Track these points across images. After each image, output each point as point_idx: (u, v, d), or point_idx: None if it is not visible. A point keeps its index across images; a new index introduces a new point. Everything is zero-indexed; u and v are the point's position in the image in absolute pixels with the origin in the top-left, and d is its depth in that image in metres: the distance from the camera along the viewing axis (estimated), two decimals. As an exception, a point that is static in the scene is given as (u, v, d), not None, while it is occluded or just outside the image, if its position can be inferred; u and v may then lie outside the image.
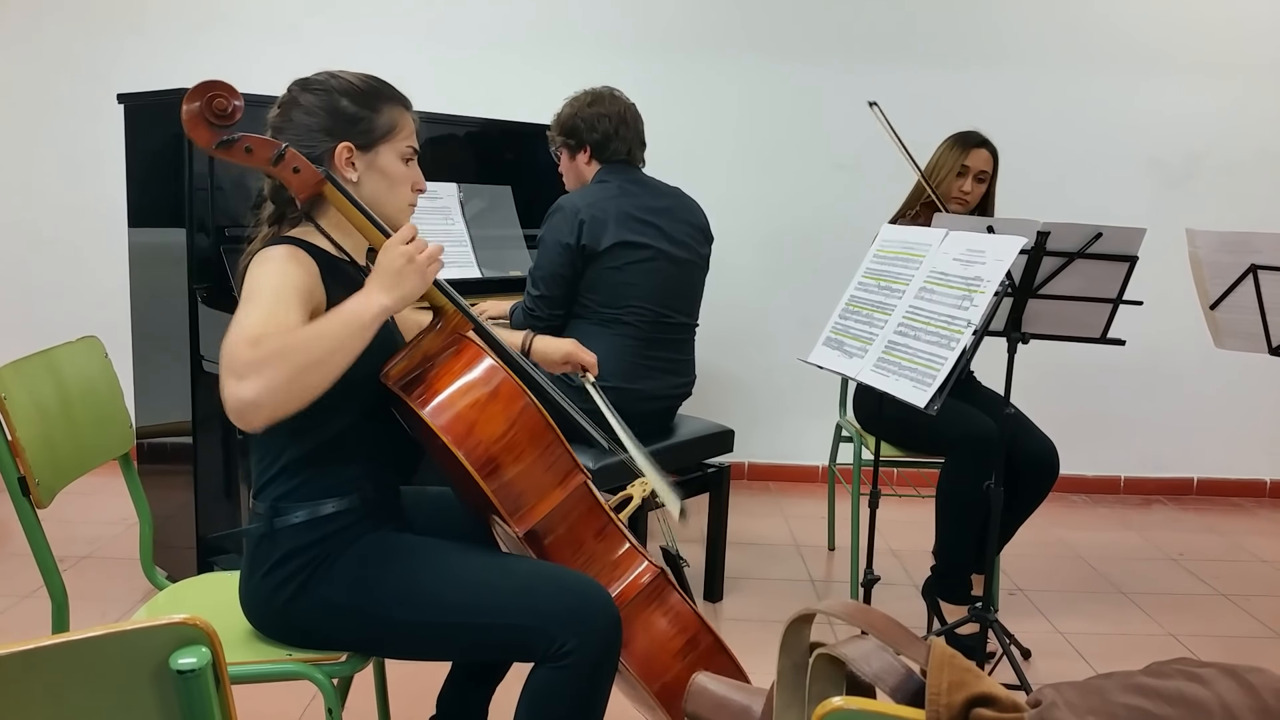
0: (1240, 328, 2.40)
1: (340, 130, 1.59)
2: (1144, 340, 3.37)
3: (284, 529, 1.54)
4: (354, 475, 1.58)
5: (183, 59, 3.92)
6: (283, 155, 1.49)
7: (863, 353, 2.25)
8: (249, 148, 1.48)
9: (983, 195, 2.99)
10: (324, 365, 1.33)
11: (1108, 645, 2.81)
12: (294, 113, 1.59)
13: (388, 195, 1.63)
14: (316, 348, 1.33)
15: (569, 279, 2.68)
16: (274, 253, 1.49)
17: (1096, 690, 0.80)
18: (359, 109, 1.60)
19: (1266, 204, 4.04)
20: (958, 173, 2.93)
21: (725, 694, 1.01)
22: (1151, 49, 4.03)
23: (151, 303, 2.87)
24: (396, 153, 1.64)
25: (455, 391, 1.51)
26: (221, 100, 1.46)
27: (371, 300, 1.40)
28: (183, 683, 0.83)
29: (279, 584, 1.53)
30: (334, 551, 1.54)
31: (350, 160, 1.59)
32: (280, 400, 1.30)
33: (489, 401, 1.51)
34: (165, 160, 2.74)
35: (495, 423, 1.50)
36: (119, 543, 3.25)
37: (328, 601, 1.52)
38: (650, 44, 4.02)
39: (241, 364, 1.28)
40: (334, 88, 1.60)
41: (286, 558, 1.53)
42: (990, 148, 2.95)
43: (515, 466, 1.52)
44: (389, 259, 1.44)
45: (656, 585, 1.64)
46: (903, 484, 3.91)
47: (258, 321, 1.35)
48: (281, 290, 1.42)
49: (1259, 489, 4.30)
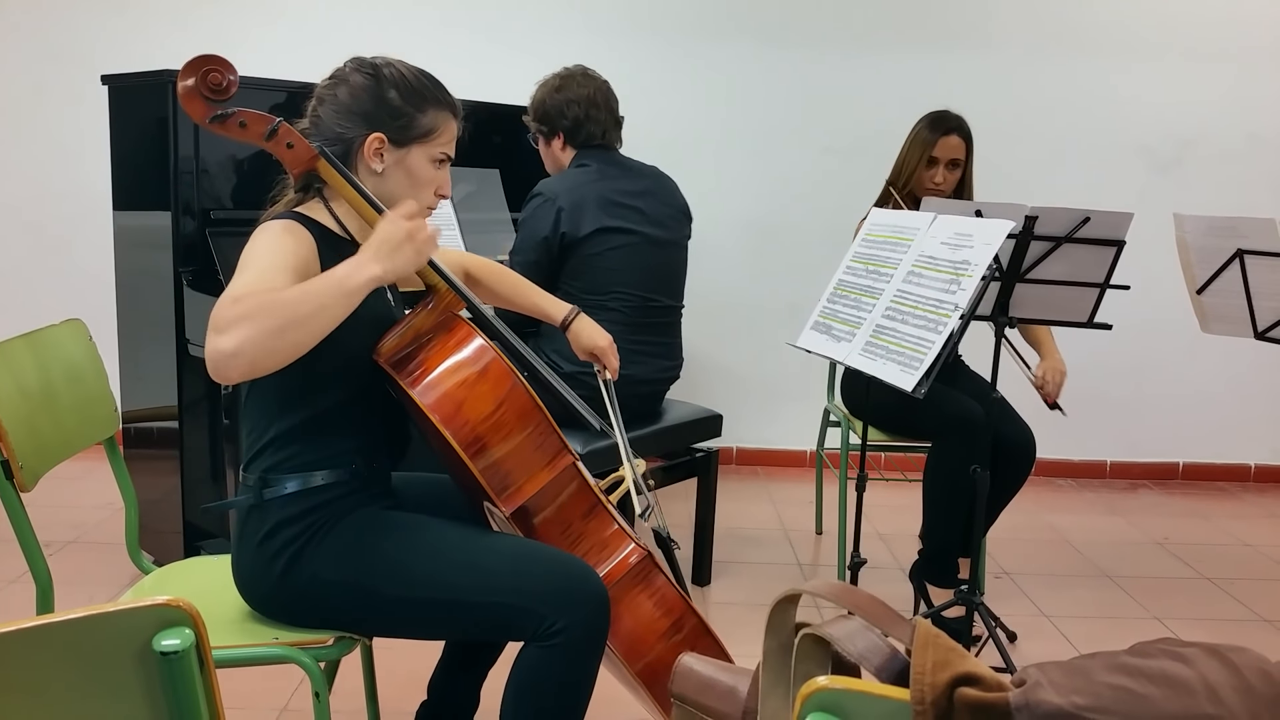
0: (1226, 312, 2.41)
1: (379, 120, 1.59)
2: (1131, 325, 3.38)
3: (273, 500, 1.54)
4: (345, 450, 1.58)
5: (168, 40, 3.88)
6: (275, 131, 1.50)
7: (850, 336, 2.25)
8: (243, 122, 1.50)
9: (959, 180, 2.92)
10: (306, 324, 1.32)
11: (1093, 628, 2.82)
12: (340, 89, 1.61)
13: (408, 194, 1.63)
14: (300, 306, 1.32)
15: (546, 268, 2.67)
16: (272, 225, 1.51)
17: (1081, 670, 0.80)
18: (404, 104, 1.60)
19: (1255, 190, 4.05)
20: (927, 164, 2.87)
21: (711, 675, 1.01)
22: (1141, 35, 4.03)
23: (137, 286, 2.85)
24: (429, 155, 1.64)
25: (444, 370, 1.51)
26: (216, 75, 1.47)
27: (363, 267, 1.39)
28: (166, 664, 0.82)
29: (272, 555, 1.53)
30: (324, 524, 1.54)
31: (379, 151, 1.60)
32: (260, 353, 1.29)
33: (478, 381, 1.51)
34: (150, 142, 2.72)
35: (483, 402, 1.50)
36: (105, 528, 3.23)
37: (318, 575, 1.52)
38: (638, 27, 4.00)
39: (223, 319, 1.28)
40: (386, 77, 1.61)
41: (276, 529, 1.54)
42: (962, 131, 2.87)
43: (503, 446, 1.52)
44: (389, 230, 1.43)
45: (643, 567, 1.65)
46: (890, 468, 3.92)
47: (244, 284, 1.37)
48: (274, 259, 1.44)
49: (1244, 474, 4.32)
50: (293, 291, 1.34)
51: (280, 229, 1.50)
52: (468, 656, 1.87)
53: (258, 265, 1.42)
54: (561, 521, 1.64)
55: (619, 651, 1.61)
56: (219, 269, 2.59)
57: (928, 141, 2.87)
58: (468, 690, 1.89)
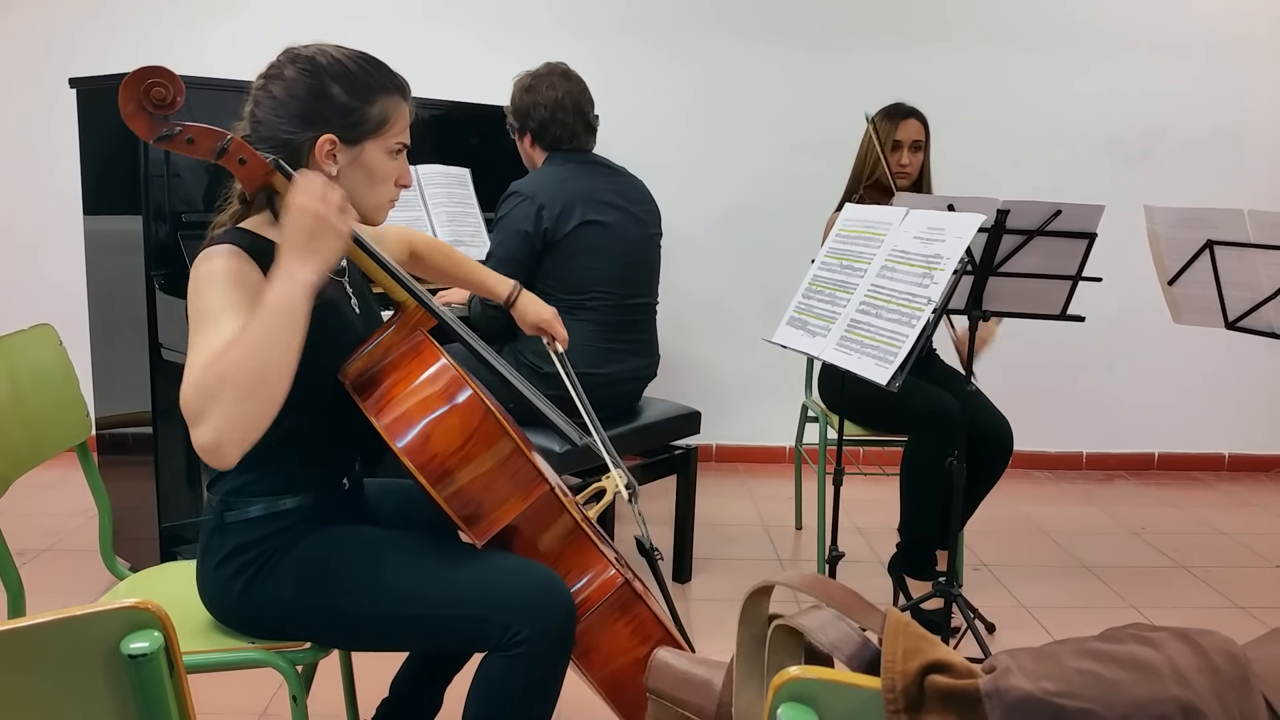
0: (1197, 303, 2.43)
1: (326, 119, 1.47)
2: (1104, 317, 3.41)
3: (234, 523, 1.52)
4: (308, 472, 1.55)
5: (140, 41, 3.85)
6: (226, 148, 1.38)
7: (826, 331, 2.26)
8: (191, 138, 1.38)
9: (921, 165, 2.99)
10: (269, 369, 1.25)
11: (1071, 618, 2.85)
12: (276, 87, 1.48)
13: (368, 192, 1.53)
14: (252, 362, 1.24)
15: (528, 265, 2.66)
16: (213, 266, 1.38)
17: (1051, 655, 0.81)
18: (350, 98, 1.48)
19: (1224, 181, 4.09)
20: (892, 148, 2.94)
21: (687, 668, 1.01)
22: (1106, 30, 4.06)
23: (109, 291, 2.82)
24: (384, 148, 1.52)
25: (412, 401, 1.44)
26: (160, 89, 1.34)
27: (293, 279, 1.29)
28: (135, 667, 0.82)
29: (230, 576, 1.51)
30: (281, 547, 1.51)
31: (332, 153, 1.48)
32: (241, 427, 1.23)
33: (447, 414, 1.43)
34: (120, 146, 2.69)
35: (452, 435, 1.43)
36: (81, 534, 3.21)
37: (276, 595, 1.50)
38: (609, 24, 4.00)
39: (192, 411, 1.22)
40: (324, 68, 1.48)
41: (235, 551, 1.51)
42: (919, 116, 2.96)
43: (473, 479, 1.45)
44: (296, 221, 1.32)
45: (622, 593, 1.58)
46: (869, 463, 3.93)
47: (197, 364, 1.26)
48: (223, 308, 1.32)
49: (1218, 463, 4.37)
50: (242, 346, 1.25)
51: (223, 269, 1.37)
52: (433, 664, 1.85)
53: (207, 325, 1.31)
54: (537, 548, 1.59)
55: (594, 678, 1.57)
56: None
57: (889, 129, 2.94)
58: (431, 696, 1.86)
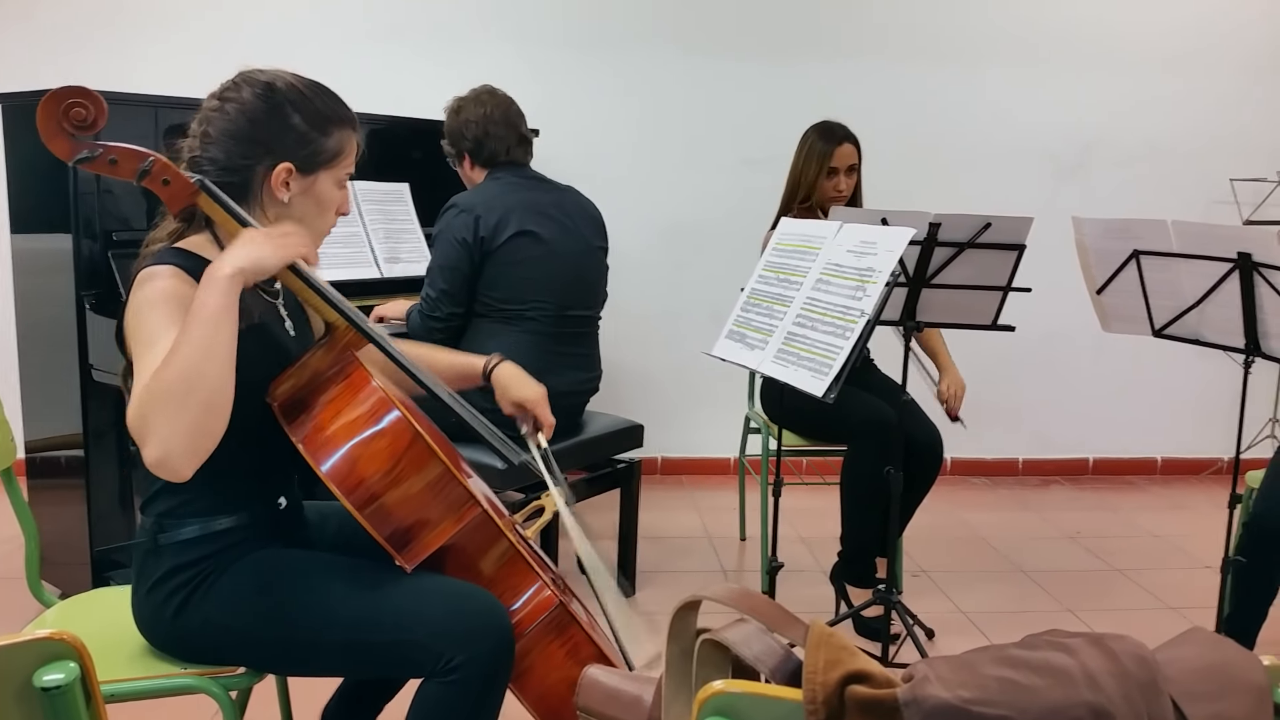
0: (1125, 311, 2.50)
1: (284, 148, 1.48)
2: (1037, 326, 3.48)
3: (168, 545, 1.49)
4: (245, 492, 1.53)
5: (69, 56, 3.78)
6: (149, 170, 1.35)
7: (764, 344, 2.29)
8: (114, 159, 1.34)
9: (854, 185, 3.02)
10: (203, 379, 1.25)
11: (1009, 622, 2.89)
12: (231, 107, 1.47)
13: (315, 220, 1.54)
14: (183, 372, 1.24)
15: (468, 275, 2.67)
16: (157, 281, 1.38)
17: (968, 664, 0.82)
18: (310, 129, 1.50)
19: (1154, 193, 4.20)
20: (828, 174, 2.96)
21: (616, 685, 1.01)
22: (1040, 46, 4.16)
23: (37, 312, 2.77)
24: (335, 179, 1.54)
25: (338, 427, 1.42)
26: (80, 109, 1.31)
27: (213, 280, 1.29)
28: (49, 700, 0.80)
29: (164, 599, 1.49)
30: (215, 570, 1.49)
31: (286, 181, 1.49)
32: (185, 440, 1.24)
33: (374, 438, 1.41)
34: (48, 163, 2.60)
35: (379, 460, 1.40)
36: (8, 562, 3.11)
37: (209, 619, 1.48)
38: (552, 39, 4.00)
39: (135, 432, 1.24)
40: (283, 94, 1.48)
41: (170, 574, 1.49)
42: (852, 139, 2.98)
43: (401, 504, 1.43)
44: (249, 234, 1.36)
45: (557, 615, 1.56)
46: (811, 473, 3.97)
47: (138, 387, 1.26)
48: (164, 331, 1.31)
49: (1150, 467, 4.47)
50: (172, 359, 1.25)
51: (164, 291, 1.36)
52: (366, 691, 1.81)
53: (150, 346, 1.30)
54: (472, 570, 1.57)
55: (528, 699, 1.55)
56: (122, 292, 2.53)
57: (824, 153, 2.96)
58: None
